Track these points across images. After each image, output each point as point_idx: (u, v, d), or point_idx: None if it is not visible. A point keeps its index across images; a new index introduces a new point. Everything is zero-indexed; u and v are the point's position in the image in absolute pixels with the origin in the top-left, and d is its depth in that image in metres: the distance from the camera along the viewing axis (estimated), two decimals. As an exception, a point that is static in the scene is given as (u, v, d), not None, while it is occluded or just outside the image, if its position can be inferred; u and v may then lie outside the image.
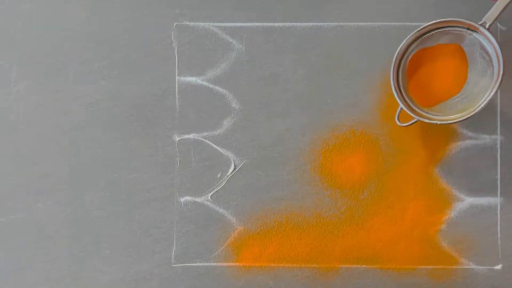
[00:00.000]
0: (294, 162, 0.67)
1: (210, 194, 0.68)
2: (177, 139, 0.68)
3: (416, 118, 0.60)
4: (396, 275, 0.66)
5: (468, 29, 0.59)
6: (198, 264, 0.67)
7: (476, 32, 0.59)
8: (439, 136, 0.66)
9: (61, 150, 0.69)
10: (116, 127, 0.69)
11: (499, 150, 0.66)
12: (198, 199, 0.67)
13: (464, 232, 0.66)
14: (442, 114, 0.61)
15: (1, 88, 0.69)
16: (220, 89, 0.68)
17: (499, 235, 0.66)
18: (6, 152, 0.69)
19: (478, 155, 0.66)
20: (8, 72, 0.69)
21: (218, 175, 0.68)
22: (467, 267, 0.65)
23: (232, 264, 0.67)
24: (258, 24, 0.69)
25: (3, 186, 0.68)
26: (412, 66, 0.62)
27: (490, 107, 0.66)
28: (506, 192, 0.66)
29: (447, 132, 0.66)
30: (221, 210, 0.67)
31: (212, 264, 0.67)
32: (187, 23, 0.69)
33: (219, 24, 0.69)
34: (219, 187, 0.67)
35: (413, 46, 0.61)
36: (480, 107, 0.59)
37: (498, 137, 0.66)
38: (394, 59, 0.61)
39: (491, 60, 0.59)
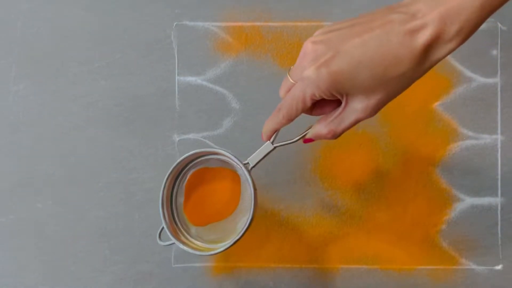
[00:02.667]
0: (294, 162, 0.67)
1: (210, 194, 0.68)
2: (177, 139, 0.68)
3: (173, 240, 0.58)
4: (397, 275, 0.66)
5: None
6: (198, 264, 0.67)
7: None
8: (439, 136, 0.66)
9: (61, 150, 0.69)
10: (116, 127, 0.69)
11: (499, 150, 0.66)
12: (198, 199, 0.67)
13: (465, 232, 0.66)
14: (210, 236, 0.59)
15: (1, 88, 0.69)
16: (220, 89, 0.68)
17: (499, 235, 0.65)
18: (6, 152, 0.69)
19: (478, 155, 0.66)
20: (7, 72, 0.69)
21: (218, 175, 0.68)
22: (468, 267, 0.65)
23: (232, 264, 0.67)
24: (258, 24, 0.69)
25: (3, 186, 0.68)
26: (192, 182, 0.60)
27: (490, 107, 0.66)
28: (506, 192, 0.66)
29: (447, 132, 0.66)
30: (221, 210, 0.67)
31: (212, 264, 0.67)
32: (187, 23, 0.69)
33: (219, 24, 0.69)
34: (219, 187, 0.67)
35: (191, 165, 0.60)
36: (222, 248, 0.56)
37: (498, 137, 0.66)
38: (165, 179, 0.59)
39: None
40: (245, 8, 0.69)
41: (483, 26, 0.66)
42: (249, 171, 0.56)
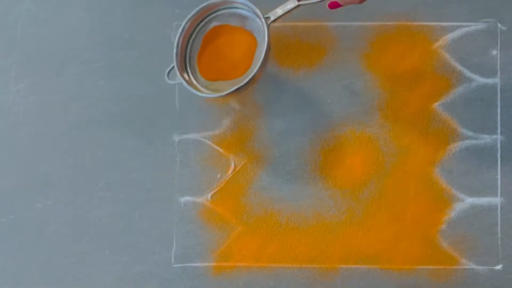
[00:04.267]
0: (294, 162, 0.67)
1: (210, 194, 0.68)
2: (177, 139, 0.68)
3: (181, 80, 0.61)
4: (397, 275, 0.66)
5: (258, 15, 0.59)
6: (198, 264, 0.67)
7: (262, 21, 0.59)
8: (439, 136, 0.66)
9: (61, 150, 0.69)
10: (116, 127, 0.69)
11: (499, 150, 0.66)
12: (198, 199, 0.67)
13: (465, 232, 0.66)
14: (215, 87, 0.62)
15: (1, 88, 0.69)
16: (220, 89, 0.68)
17: (499, 235, 0.65)
18: (6, 152, 0.69)
19: (478, 155, 0.66)
20: (8, 72, 0.69)
21: (218, 175, 0.68)
22: (468, 267, 0.65)
23: (232, 264, 0.67)
24: (258, 24, 0.68)
25: (3, 186, 0.68)
26: (210, 36, 0.63)
27: (490, 107, 0.66)
28: (506, 192, 0.66)
29: (447, 132, 0.66)
30: (221, 210, 0.67)
31: (212, 264, 0.67)
32: (187, 23, 0.69)
33: (219, 24, 0.69)
34: (219, 187, 0.67)
35: (212, 17, 0.63)
36: (226, 92, 0.59)
37: (498, 137, 0.66)
38: (184, 22, 0.62)
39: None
40: (245, 8, 0.69)
41: (483, 26, 0.67)
42: (268, 25, 0.57)
